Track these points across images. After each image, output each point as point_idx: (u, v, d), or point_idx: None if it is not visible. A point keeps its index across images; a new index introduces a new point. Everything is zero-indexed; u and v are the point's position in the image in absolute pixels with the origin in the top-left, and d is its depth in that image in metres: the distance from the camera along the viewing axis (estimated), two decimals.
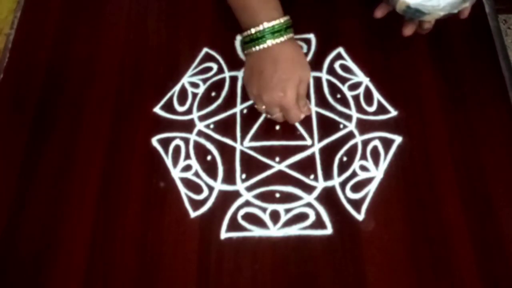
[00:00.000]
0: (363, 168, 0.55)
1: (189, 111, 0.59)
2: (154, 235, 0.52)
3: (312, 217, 0.52)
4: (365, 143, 0.56)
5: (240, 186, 0.54)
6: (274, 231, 0.52)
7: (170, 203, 0.53)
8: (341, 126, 0.57)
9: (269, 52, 0.51)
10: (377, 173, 0.54)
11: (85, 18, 0.65)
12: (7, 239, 0.52)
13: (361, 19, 0.64)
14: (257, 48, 0.51)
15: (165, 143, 0.57)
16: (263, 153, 0.56)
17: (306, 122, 0.57)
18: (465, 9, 0.52)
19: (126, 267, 0.50)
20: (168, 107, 0.59)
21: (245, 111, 0.58)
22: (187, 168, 0.55)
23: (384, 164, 0.55)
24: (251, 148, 0.56)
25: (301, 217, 0.52)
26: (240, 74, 0.60)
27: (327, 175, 0.54)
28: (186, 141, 0.57)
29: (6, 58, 0.62)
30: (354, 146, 0.56)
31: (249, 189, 0.54)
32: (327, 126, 0.57)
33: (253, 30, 0.50)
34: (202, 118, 0.58)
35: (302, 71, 0.53)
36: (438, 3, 0.52)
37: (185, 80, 0.60)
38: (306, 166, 0.55)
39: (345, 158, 0.55)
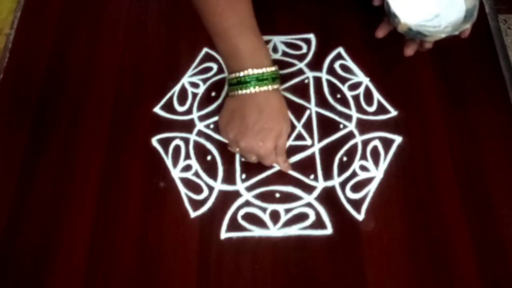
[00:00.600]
0: (363, 168, 0.55)
1: (189, 111, 0.59)
2: (154, 235, 0.52)
3: (312, 217, 0.52)
4: (365, 143, 0.56)
5: (240, 186, 0.54)
6: (274, 231, 0.52)
7: (170, 203, 0.53)
8: (341, 126, 0.57)
9: (255, 98, 0.50)
10: (377, 173, 0.54)
11: (85, 18, 0.65)
12: (7, 239, 0.52)
13: (361, 19, 0.64)
14: (242, 92, 0.50)
15: (165, 143, 0.57)
16: None
17: (306, 122, 0.57)
18: (466, 30, 0.52)
19: (126, 267, 0.50)
20: (168, 107, 0.59)
21: None
22: (187, 168, 0.55)
23: (384, 164, 0.55)
24: None
25: (301, 217, 0.52)
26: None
27: (327, 175, 0.54)
28: (186, 141, 0.57)
29: (6, 58, 0.62)
30: (354, 146, 0.56)
31: (249, 189, 0.54)
32: (327, 126, 0.57)
33: (241, 74, 0.49)
34: (202, 118, 0.58)
35: (284, 123, 0.52)
36: (439, 24, 0.52)
37: (185, 80, 0.60)
38: (306, 166, 0.55)
39: (345, 158, 0.55)
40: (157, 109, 0.59)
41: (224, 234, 0.52)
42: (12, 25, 0.66)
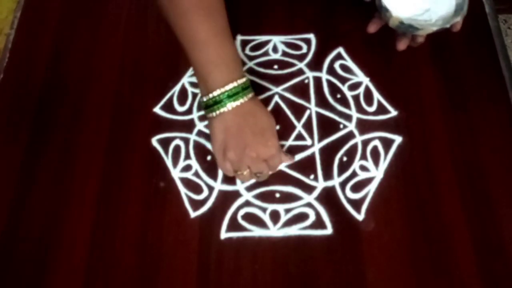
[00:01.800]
0: (363, 168, 0.55)
1: (189, 111, 0.59)
2: (154, 235, 0.52)
3: (312, 217, 0.52)
4: (365, 143, 0.56)
5: (240, 186, 0.54)
6: (274, 231, 0.52)
7: (170, 203, 0.53)
8: (341, 126, 0.57)
9: (244, 107, 0.49)
10: (377, 173, 0.54)
11: (85, 18, 0.65)
12: (7, 239, 0.52)
13: (361, 19, 0.63)
14: (218, 111, 0.48)
15: (165, 143, 0.57)
16: None
17: (306, 122, 0.57)
18: (457, 23, 0.52)
19: (126, 267, 0.50)
20: (168, 107, 0.59)
21: None
22: (187, 168, 0.55)
23: (384, 164, 0.55)
24: None
25: (301, 217, 0.52)
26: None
27: (327, 175, 0.54)
28: (186, 141, 0.57)
29: (6, 58, 0.62)
30: (354, 146, 0.56)
31: (249, 189, 0.54)
32: (327, 126, 0.57)
33: (214, 93, 0.48)
34: (202, 118, 0.58)
35: (272, 120, 0.51)
36: (430, 18, 0.52)
37: (185, 80, 0.60)
38: (306, 166, 0.55)
39: (345, 158, 0.55)
40: (157, 109, 0.59)
41: (224, 234, 0.52)
42: (12, 25, 0.66)
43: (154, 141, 0.57)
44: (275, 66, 0.61)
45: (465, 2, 0.51)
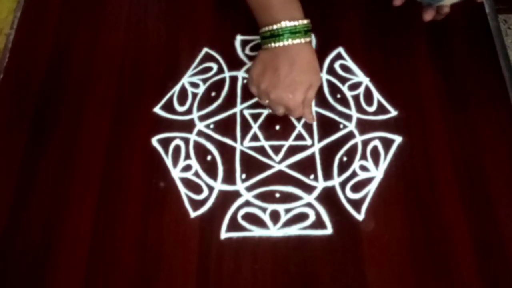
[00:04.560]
0: (363, 168, 0.55)
1: (189, 111, 0.59)
2: (154, 235, 0.52)
3: (312, 217, 0.52)
4: (365, 143, 0.56)
5: (240, 186, 0.54)
6: (274, 231, 0.52)
7: (170, 203, 0.53)
8: (341, 126, 0.57)
9: (287, 51, 0.50)
10: (377, 173, 0.54)
11: (85, 18, 0.65)
12: (7, 239, 0.52)
13: (361, 19, 0.64)
14: (276, 44, 0.50)
15: (165, 143, 0.57)
16: (263, 153, 0.56)
17: (306, 122, 0.57)
18: None
19: (126, 267, 0.50)
20: (168, 107, 0.59)
21: (245, 111, 0.58)
22: (187, 168, 0.55)
23: (384, 164, 0.55)
24: (251, 148, 0.56)
25: (301, 217, 0.52)
26: (240, 74, 0.60)
27: (327, 175, 0.54)
28: (186, 141, 0.57)
29: (6, 58, 0.62)
30: (354, 146, 0.56)
31: (249, 189, 0.54)
32: (327, 126, 0.57)
33: (274, 26, 0.50)
34: (202, 118, 0.58)
35: (314, 76, 0.52)
36: None
37: (185, 80, 0.60)
38: (306, 166, 0.55)
39: (345, 158, 0.55)
40: (157, 109, 0.59)
41: (224, 234, 0.52)
42: (12, 25, 0.66)
43: (154, 141, 0.57)
44: None
45: None
